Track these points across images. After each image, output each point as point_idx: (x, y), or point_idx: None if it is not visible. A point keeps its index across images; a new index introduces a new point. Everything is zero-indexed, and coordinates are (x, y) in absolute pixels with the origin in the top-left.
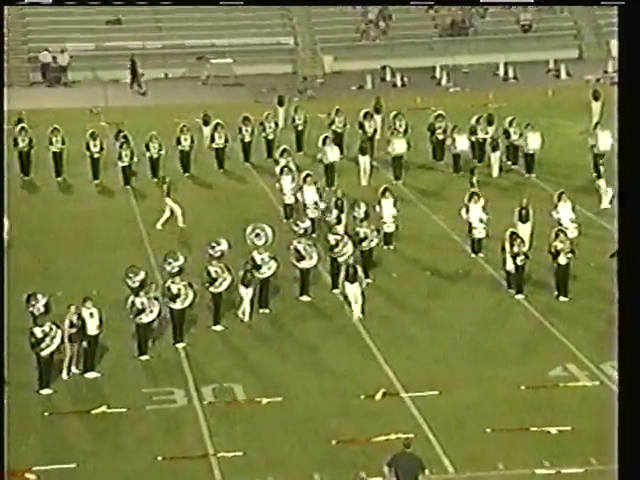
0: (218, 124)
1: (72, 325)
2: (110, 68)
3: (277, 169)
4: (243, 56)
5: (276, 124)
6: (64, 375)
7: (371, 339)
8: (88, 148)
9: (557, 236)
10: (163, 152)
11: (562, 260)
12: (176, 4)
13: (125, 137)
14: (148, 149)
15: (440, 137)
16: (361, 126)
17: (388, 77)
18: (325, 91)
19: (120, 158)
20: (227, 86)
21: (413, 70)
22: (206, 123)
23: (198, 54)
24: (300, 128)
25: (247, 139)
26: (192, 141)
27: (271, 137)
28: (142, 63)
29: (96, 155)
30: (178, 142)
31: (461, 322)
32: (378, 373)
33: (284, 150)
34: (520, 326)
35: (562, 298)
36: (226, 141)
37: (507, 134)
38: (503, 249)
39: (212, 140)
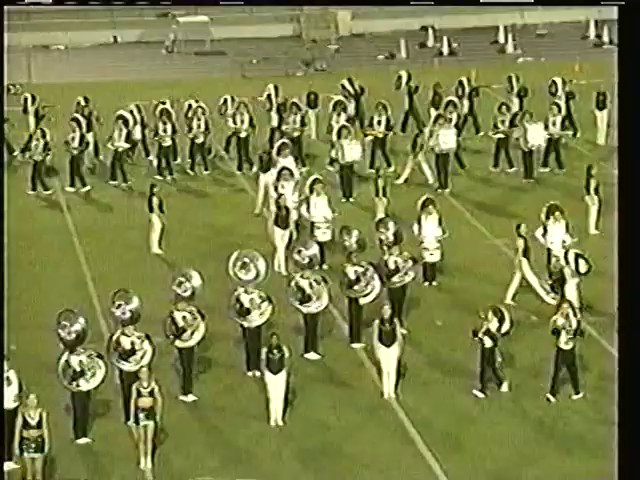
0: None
1: None
2: (36, 29)
3: (273, 173)
4: (224, 13)
5: (250, 122)
6: None
7: (406, 416)
8: None
9: None
10: (90, 149)
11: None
12: (175, 4)
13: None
14: (67, 144)
15: (502, 135)
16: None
17: (430, 42)
18: (340, 61)
19: (28, 150)
20: (202, 55)
21: (466, 32)
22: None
23: (160, 10)
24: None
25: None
26: (128, 138)
27: (243, 135)
28: (82, 23)
29: None
30: (110, 137)
31: (534, 389)
32: (418, 466)
33: (283, 145)
34: None
35: None
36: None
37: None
38: None
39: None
